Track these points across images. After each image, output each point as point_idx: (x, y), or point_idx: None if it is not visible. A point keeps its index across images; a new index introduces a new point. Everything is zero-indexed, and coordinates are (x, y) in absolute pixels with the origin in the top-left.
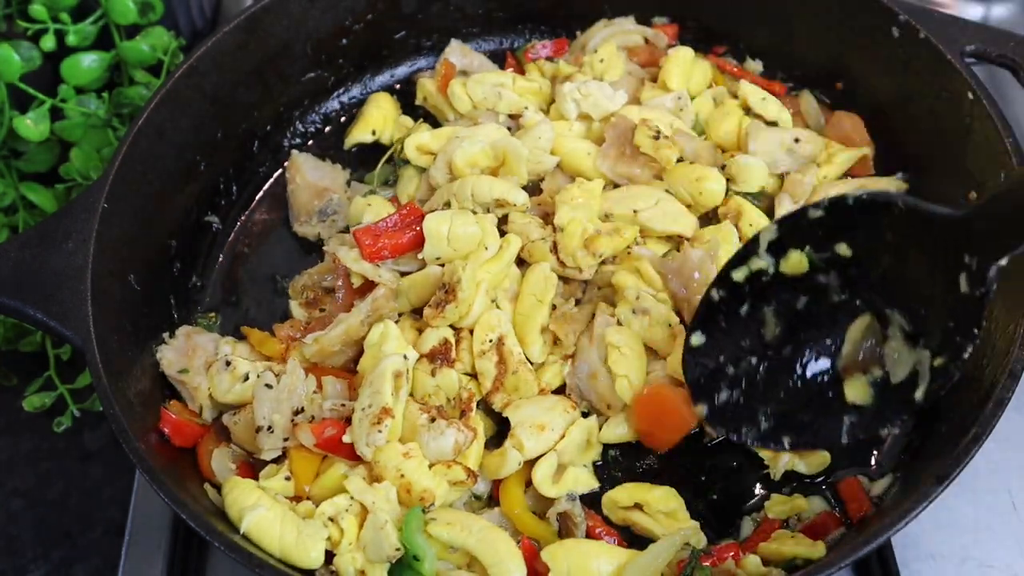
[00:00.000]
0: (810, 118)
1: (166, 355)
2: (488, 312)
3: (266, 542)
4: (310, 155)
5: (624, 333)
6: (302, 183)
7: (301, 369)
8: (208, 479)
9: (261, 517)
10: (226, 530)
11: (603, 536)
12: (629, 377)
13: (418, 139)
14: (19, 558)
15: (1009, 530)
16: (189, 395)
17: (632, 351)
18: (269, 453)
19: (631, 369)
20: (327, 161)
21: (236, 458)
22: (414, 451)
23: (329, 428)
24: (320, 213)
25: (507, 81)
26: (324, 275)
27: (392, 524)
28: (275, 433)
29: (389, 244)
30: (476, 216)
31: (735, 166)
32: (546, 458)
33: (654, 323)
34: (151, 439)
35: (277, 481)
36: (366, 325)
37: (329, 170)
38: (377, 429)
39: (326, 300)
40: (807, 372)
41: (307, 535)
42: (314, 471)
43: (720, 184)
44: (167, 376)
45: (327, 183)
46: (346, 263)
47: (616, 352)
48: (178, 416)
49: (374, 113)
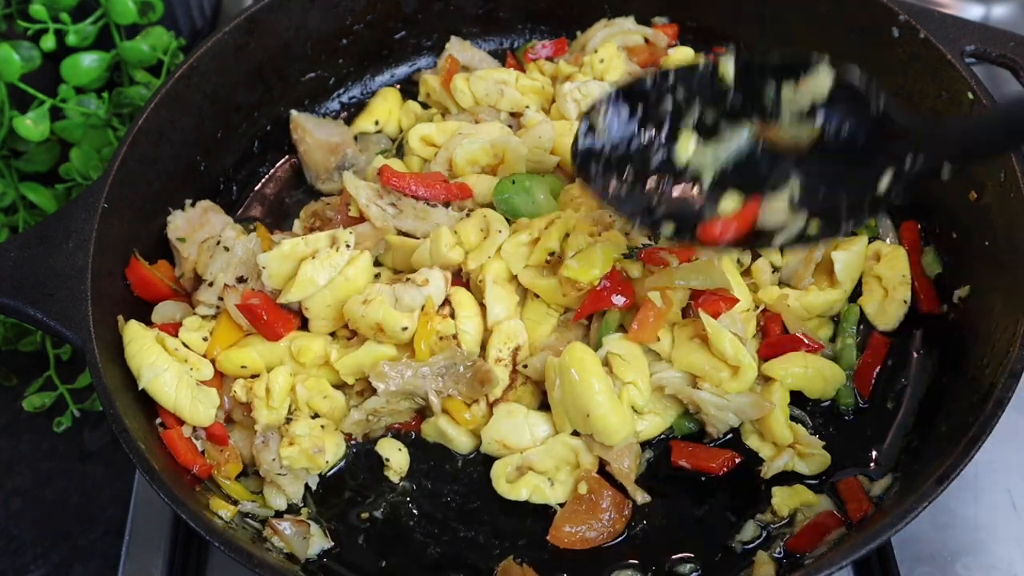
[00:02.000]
0: None
1: (176, 220)
2: (509, 321)
3: (161, 399)
4: (308, 114)
5: (623, 341)
6: (312, 143)
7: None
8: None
9: (160, 378)
10: (225, 529)
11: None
12: (637, 383)
13: (422, 130)
14: (19, 558)
15: (1009, 530)
16: (179, 261)
17: (634, 356)
18: (203, 308)
19: (637, 375)
20: (327, 118)
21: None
22: (373, 294)
23: (255, 299)
24: (338, 168)
25: (510, 78)
26: (334, 207)
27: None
28: (213, 288)
29: (411, 181)
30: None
31: None
32: (509, 458)
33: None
34: (151, 439)
35: (195, 335)
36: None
37: (333, 127)
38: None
39: (327, 228)
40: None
41: (199, 400)
42: (231, 341)
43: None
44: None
45: (336, 139)
46: (348, 187)
47: (618, 360)
48: (149, 272)
49: (380, 105)
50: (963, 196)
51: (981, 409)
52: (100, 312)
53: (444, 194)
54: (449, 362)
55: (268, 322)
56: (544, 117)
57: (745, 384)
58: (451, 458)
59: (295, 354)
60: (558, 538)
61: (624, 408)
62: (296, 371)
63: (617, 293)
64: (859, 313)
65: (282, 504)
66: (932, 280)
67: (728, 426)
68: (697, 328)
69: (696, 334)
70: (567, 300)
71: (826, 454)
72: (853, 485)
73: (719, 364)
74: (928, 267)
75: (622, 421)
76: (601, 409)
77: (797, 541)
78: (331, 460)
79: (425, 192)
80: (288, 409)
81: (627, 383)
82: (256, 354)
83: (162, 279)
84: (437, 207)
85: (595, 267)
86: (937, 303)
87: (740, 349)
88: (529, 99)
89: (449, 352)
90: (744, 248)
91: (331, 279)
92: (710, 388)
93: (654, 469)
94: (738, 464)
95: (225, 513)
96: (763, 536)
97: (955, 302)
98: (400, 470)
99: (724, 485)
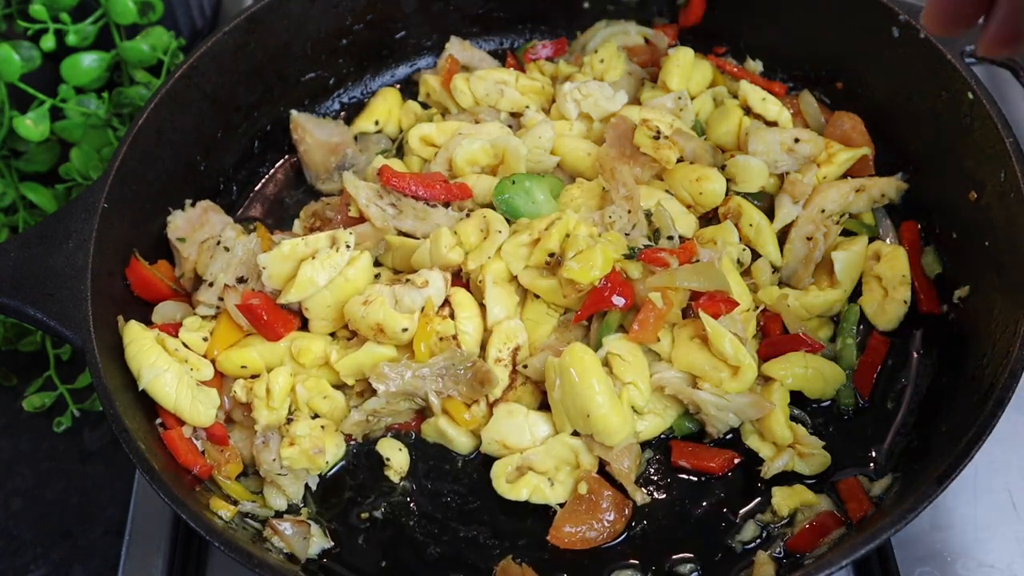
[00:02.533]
0: (810, 118)
1: (176, 220)
2: (508, 321)
3: (162, 400)
4: (309, 114)
5: (623, 341)
6: (312, 143)
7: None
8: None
9: (160, 379)
10: (225, 529)
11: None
12: (637, 383)
13: (422, 130)
14: (19, 558)
15: (1009, 530)
16: (179, 261)
17: (634, 357)
18: (203, 309)
19: (637, 375)
20: (327, 118)
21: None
22: (373, 295)
23: (255, 299)
24: (338, 168)
25: (510, 79)
26: (334, 207)
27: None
28: (213, 289)
29: (411, 182)
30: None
31: (735, 166)
32: (509, 458)
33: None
34: (151, 439)
35: (195, 335)
36: (333, 248)
37: (333, 127)
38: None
39: (327, 228)
40: None
41: (200, 400)
42: (231, 342)
43: (720, 184)
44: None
45: (336, 139)
46: (347, 188)
47: (618, 360)
48: (149, 272)
49: (380, 105)
50: (963, 196)
51: (981, 409)
52: (100, 312)
53: (444, 194)
54: (449, 363)
55: (268, 322)
56: (544, 117)
57: (745, 384)
58: (451, 458)
59: (295, 355)
60: (558, 538)
61: (624, 408)
62: (296, 371)
63: (617, 294)
64: (859, 313)
65: (282, 504)
66: (932, 280)
67: (728, 426)
68: (697, 328)
69: (696, 334)
70: (567, 301)
71: (826, 454)
72: (853, 485)
73: (719, 364)
74: (928, 267)
75: (622, 421)
76: (601, 410)
77: (797, 541)
78: (331, 460)
79: (425, 192)
80: (288, 410)
81: (627, 383)
82: (256, 354)
83: (162, 279)
84: (437, 207)
85: (595, 268)
86: (937, 303)
87: (740, 349)
88: (529, 99)
89: (449, 353)
90: None
91: (331, 279)
92: (710, 388)
93: (654, 469)
94: (738, 464)
95: (225, 513)
96: (763, 536)
97: (955, 302)
98: (400, 470)
99: (724, 485)
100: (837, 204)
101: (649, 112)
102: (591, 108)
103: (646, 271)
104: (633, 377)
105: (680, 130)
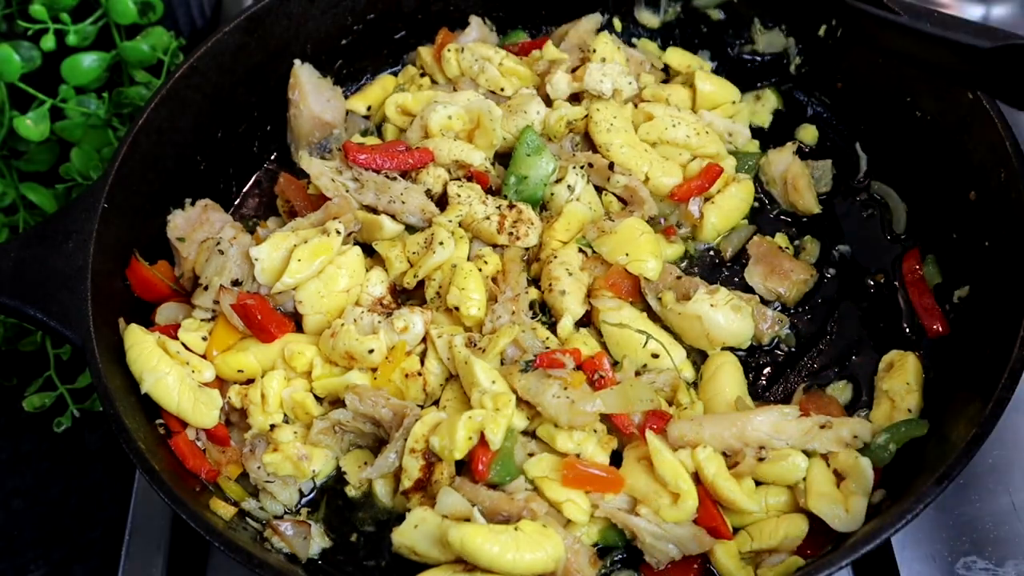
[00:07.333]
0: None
1: (176, 219)
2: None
3: (164, 402)
4: (310, 67)
5: (545, 460)
6: (304, 111)
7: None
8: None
9: (162, 382)
10: (226, 529)
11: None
12: (574, 500)
13: (398, 99)
14: (19, 558)
15: (1009, 530)
16: (179, 261)
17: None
18: (200, 313)
19: (572, 492)
20: (327, 79)
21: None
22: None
23: (250, 300)
24: (320, 147)
25: (495, 57)
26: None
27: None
28: (208, 292)
29: (374, 153)
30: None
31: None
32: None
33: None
34: (151, 439)
35: (194, 335)
36: (319, 229)
37: (330, 94)
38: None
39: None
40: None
41: (202, 402)
42: (227, 344)
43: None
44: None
45: (328, 116)
46: (303, 164)
47: (547, 482)
48: (149, 272)
49: (376, 90)
50: (963, 196)
51: (981, 409)
52: (100, 312)
53: (406, 159)
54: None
55: (262, 323)
56: (533, 92)
57: (685, 514)
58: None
59: (287, 359)
60: None
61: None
62: (288, 376)
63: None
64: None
65: (279, 509)
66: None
67: (669, 557)
68: (646, 449)
69: (644, 455)
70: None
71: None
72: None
73: (660, 489)
74: (929, 277)
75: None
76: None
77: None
78: (320, 469)
79: (386, 162)
80: (284, 417)
81: (564, 502)
82: (252, 358)
83: (162, 279)
84: (397, 179)
85: (456, 451)
86: (946, 327)
87: (681, 474)
88: (507, 81)
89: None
90: None
91: (323, 266)
92: (648, 515)
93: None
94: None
95: (225, 513)
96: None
97: (955, 302)
98: (360, 485)
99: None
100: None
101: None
102: (624, 85)
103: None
104: (568, 495)
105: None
